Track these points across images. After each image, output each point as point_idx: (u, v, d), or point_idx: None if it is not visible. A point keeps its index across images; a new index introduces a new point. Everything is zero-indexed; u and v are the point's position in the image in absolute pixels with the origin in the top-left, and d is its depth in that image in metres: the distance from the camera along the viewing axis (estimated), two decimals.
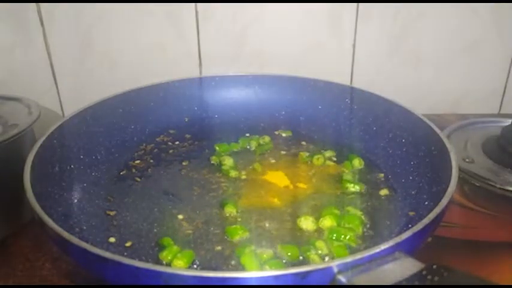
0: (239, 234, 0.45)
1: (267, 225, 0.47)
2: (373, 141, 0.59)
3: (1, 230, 0.51)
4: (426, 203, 0.46)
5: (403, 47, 0.75)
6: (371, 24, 0.73)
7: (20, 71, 0.72)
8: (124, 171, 0.56)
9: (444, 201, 0.39)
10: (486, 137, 0.68)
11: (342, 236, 0.44)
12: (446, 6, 0.72)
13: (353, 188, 0.52)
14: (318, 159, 0.57)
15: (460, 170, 0.59)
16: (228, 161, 0.57)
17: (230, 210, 0.48)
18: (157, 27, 0.72)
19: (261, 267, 0.40)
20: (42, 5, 0.68)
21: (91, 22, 0.70)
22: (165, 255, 0.42)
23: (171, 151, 0.60)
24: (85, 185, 0.52)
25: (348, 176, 0.54)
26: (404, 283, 0.31)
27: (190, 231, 0.46)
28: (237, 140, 0.61)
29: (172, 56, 0.74)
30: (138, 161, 0.58)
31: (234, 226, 0.46)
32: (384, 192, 0.51)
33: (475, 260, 0.47)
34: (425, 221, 0.37)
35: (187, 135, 0.63)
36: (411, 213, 0.47)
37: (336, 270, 0.32)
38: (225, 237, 0.45)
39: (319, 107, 0.65)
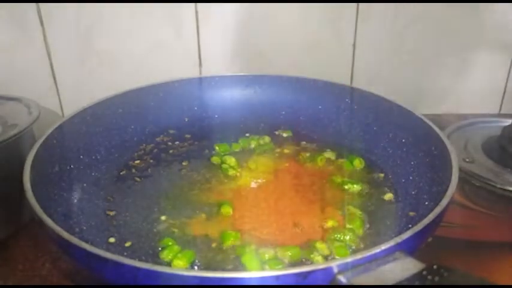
0: (231, 241, 0.44)
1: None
2: (373, 141, 0.59)
3: (1, 230, 0.51)
4: (426, 203, 0.46)
5: (403, 47, 0.75)
6: (371, 24, 0.73)
7: (20, 71, 0.71)
8: (124, 171, 0.56)
9: (444, 201, 0.39)
10: (486, 137, 0.68)
11: (343, 236, 0.44)
12: (446, 7, 0.72)
13: (353, 188, 0.52)
14: (321, 160, 0.57)
15: (460, 170, 0.58)
16: (230, 161, 0.57)
17: (230, 210, 0.48)
18: (157, 27, 0.72)
19: (261, 267, 0.40)
20: (42, 5, 0.68)
21: (91, 22, 0.70)
22: (165, 255, 0.42)
23: (171, 151, 0.60)
24: (85, 185, 0.52)
25: (348, 176, 0.54)
26: (404, 283, 0.31)
27: (190, 231, 0.46)
28: (237, 140, 0.61)
29: (172, 56, 0.73)
30: (138, 161, 0.58)
31: (228, 232, 0.45)
32: (385, 193, 0.51)
33: (475, 260, 0.47)
34: (426, 221, 0.37)
35: (187, 135, 0.63)
36: (411, 213, 0.47)
37: (336, 270, 0.32)
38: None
39: (319, 107, 0.65)
